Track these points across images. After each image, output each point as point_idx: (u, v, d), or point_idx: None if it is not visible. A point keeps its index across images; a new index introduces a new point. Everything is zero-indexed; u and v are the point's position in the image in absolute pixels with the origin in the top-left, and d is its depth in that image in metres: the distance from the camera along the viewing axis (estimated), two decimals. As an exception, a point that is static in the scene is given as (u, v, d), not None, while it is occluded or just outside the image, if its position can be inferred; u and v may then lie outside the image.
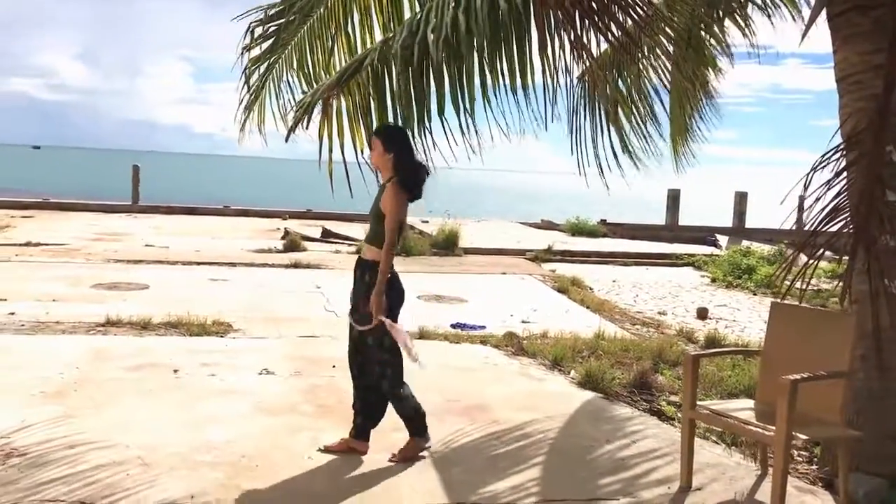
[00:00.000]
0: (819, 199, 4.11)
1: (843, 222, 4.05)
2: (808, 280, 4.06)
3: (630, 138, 6.28)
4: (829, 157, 4.19)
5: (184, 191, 39.98)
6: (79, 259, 11.74)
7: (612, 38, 4.49)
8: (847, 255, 4.01)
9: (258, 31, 6.09)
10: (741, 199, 22.23)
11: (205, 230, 16.88)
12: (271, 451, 4.52)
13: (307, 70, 6.17)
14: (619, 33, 4.47)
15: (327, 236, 16.13)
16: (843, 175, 4.13)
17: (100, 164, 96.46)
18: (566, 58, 4.51)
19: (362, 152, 5.03)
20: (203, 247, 13.76)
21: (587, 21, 4.31)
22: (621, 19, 4.41)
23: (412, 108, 4.73)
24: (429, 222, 16.90)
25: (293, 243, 14.13)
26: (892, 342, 4.25)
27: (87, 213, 19.31)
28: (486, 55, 4.56)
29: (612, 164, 5.97)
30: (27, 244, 12.98)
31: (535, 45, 4.49)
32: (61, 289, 9.17)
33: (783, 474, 3.80)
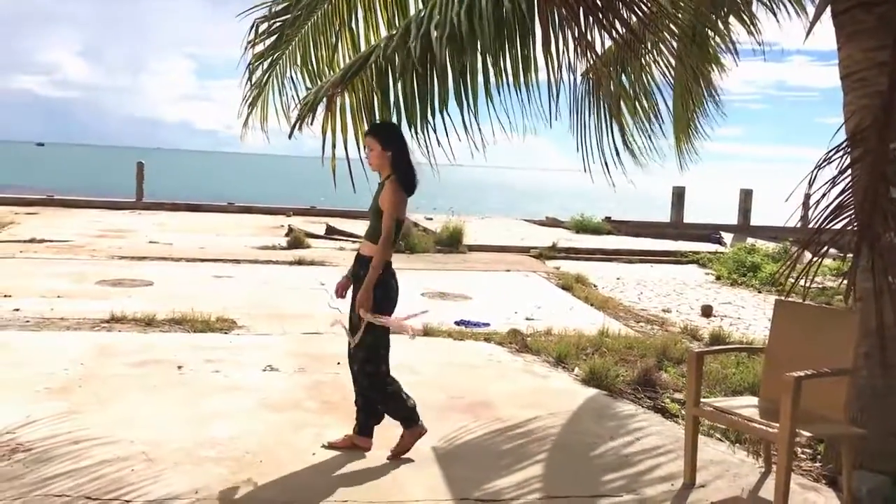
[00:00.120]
0: (823, 197, 4.11)
1: (847, 219, 4.04)
2: (813, 277, 4.06)
3: (634, 135, 6.27)
4: (834, 155, 4.18)
5: (187, 188, 40.04)
6: (83, 256, 11.76)
7: (616, 35, 4.48)
8: (851, 252, 4.00)
9: (262, 26, 6.09)
10: (746, 196, 22.17)
11: (209, 227, 16.92)
12: (275, 448, 4.54)
13: (311, 66, 6.17)
14: (624, 30, 4.46)
15: (331, 233, 16.14)
16: (848, 172, 4.12)
17: (104, 161, 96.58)
18: (570, 55, 4.50)
19: (365, 149, 5.04)
20: (207, 243, 13.78)
21: (591, 18, 4.30)
22: (625, 16, 4.41)
23: (416, 105, 4.73)
24: (433, 219, 16.90)
25: (297, 240, 14.15)
26: (895, 340, 4.24)
27: (91, 210, 19.35)
28: (489, 52, 4.55)
29: (617, 162, 5.96)
30: (31, 241, 13.00)
31: (538, 42, 4.48)
32: (66, 285, 9.19)
33: (787, 471, 3.80)
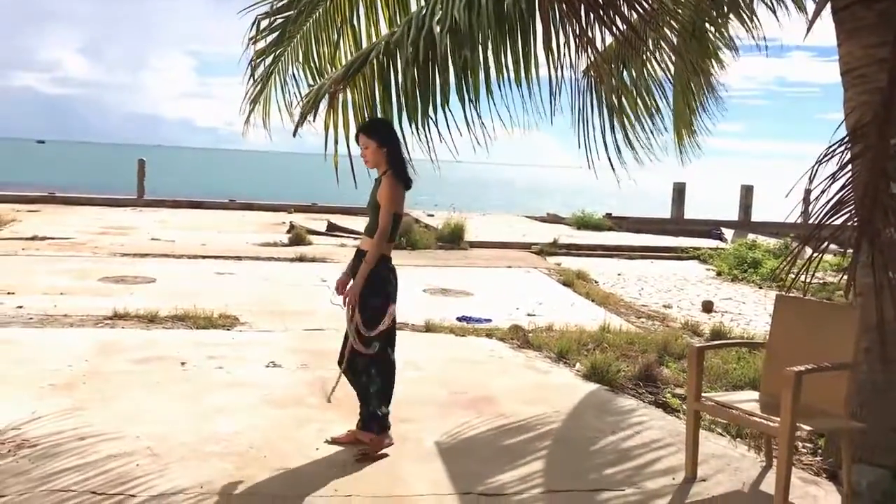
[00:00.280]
0: (824, 193, 4.12)
1: (847, 215, 4.05)
2: (813, 273, 4.07)
3: (635, 131, 6.27)
4: (834, 151, 4.19)
5: (189, 185, 40.05)
6: (85, 253, 11.79)
7: (616, 32, 4.49)
8: (851, 248, 4.02)
9: (264, 23, 6.10)
10: (747, 192, 22.18)
11: (210, 224, 16.95)
12: (279, 443, 4.56)
13: (313, 63, 6.18)
14: (624, 27, 4.47)
15: (332, 230, 16.16)
16: (848, 168, 4.14)
17: (104, 159, 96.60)
18: (571, 51, 4.52)
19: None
20: (209, 240, 13.81)
21: (591, 14, 4.32)
22: (626, 12, 4.42)
23: (417, 101, 4.75)
24: (434, 216, 16.91)
25: (298, 237, 14.19)
26: (895, 335, 4.26)
27: (92, 208, 19.38)
28: (490, 48, 4.57)
29: (617, 158, 5.96)
30: (34, 238, 13.03)
31: (539, 39, 4.50)
32: (68, 282, 9.22)
33: (787, 465, 3.82)
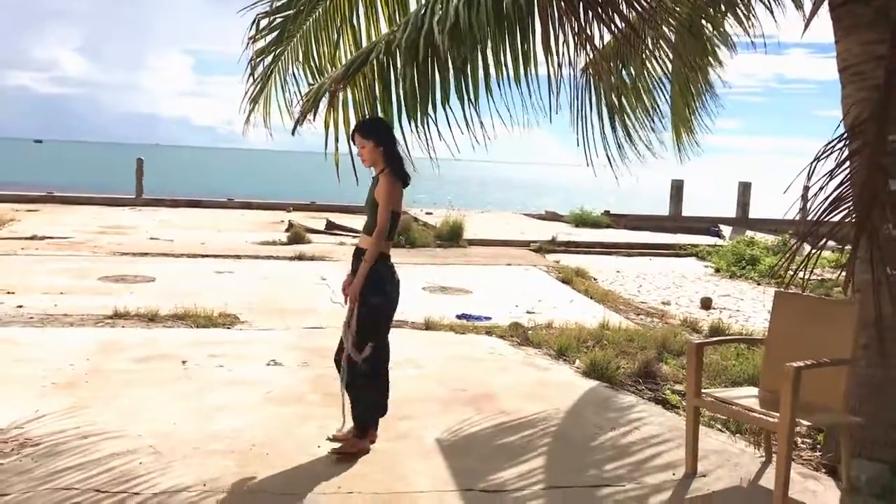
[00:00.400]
0: (822, 189, 4.15)
1: (845, 211, 4.08)
2: (812, 269, 4.10)
3: (635, 128, 6.29)
4: (832, 147, 4.22)
5: (187, 184, 40.05)
6: (84, 252, 11.80)
7: (615, 30, 4.51)
8: (850, 244, 4.04)
9: (263, 22, 6.11)
10: (745, 189, 22.23)
11: (209, 223, 16.96)
12: (281, 440, 4.58)
13: (313, 62, 6.19)
14: (623, 25, 4.49)
15: (332, 228, 16.17)
16: (846, 164, 4.16)
17: (102, 158, 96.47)
18: (570, 50, 4.53)
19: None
20: (208, 239, 13.82)
21: (590, 12, 4.33)
22: (625, 10, 4.43)
23: (417, 100, 4.76)
24: (433, 214, 16.93)
25: (298, 235, 14.20)
26: (894, 331, 4.28)
27: (91, 207, 19.36)
28: (489, 46, 4.58)
29: (617, 155, 5.98)
30: (33, 238, 13.03)
31: (538, 37, 4.51)
32: (68, 282, 9.23)
33: (787, 460, 3.84)
